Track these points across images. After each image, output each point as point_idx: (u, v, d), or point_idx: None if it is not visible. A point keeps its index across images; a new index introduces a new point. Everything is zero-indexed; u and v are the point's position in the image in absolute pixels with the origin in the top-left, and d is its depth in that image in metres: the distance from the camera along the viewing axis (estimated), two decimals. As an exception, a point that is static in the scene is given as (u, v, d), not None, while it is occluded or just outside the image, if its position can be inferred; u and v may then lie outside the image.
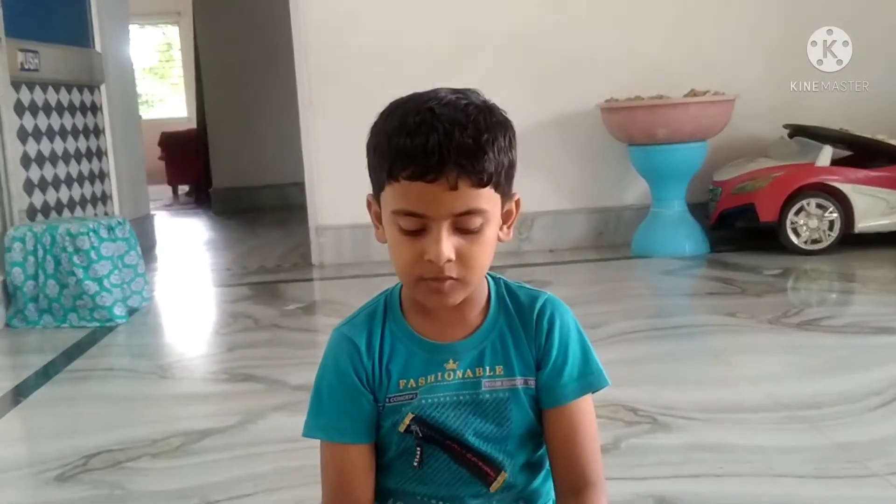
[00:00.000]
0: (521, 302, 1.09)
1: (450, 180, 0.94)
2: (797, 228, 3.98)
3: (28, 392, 2.62)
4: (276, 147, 7.35)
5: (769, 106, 4.36)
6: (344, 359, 1.06)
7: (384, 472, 1.10)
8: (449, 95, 0.98)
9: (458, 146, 0.93)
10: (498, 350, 1.07)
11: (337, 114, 4.39)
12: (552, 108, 4.43)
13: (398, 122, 0.97)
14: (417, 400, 1.05)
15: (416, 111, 0.96)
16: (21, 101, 3.72)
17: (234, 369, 2.74)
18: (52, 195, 3.91)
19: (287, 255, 4.93)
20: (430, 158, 0.93)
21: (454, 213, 0.96)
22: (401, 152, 0.95)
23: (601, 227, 4.55)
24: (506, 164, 0.98)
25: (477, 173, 0.95)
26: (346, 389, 1.06)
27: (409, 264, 0.99)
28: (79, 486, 1.89)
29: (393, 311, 1.09)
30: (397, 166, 0.95)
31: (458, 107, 0.96)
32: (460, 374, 1.06)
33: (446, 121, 0.94)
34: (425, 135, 0.93)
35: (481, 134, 0.95)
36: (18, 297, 3.39)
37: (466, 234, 0.98)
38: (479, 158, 0.94)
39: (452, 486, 1.06)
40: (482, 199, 0.97)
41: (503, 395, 1.05)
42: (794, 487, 1.65)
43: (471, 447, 1.05)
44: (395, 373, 1.06)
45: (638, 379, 2.33)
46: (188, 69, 10.43)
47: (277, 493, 1.76)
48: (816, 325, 2.85)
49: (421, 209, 0.96)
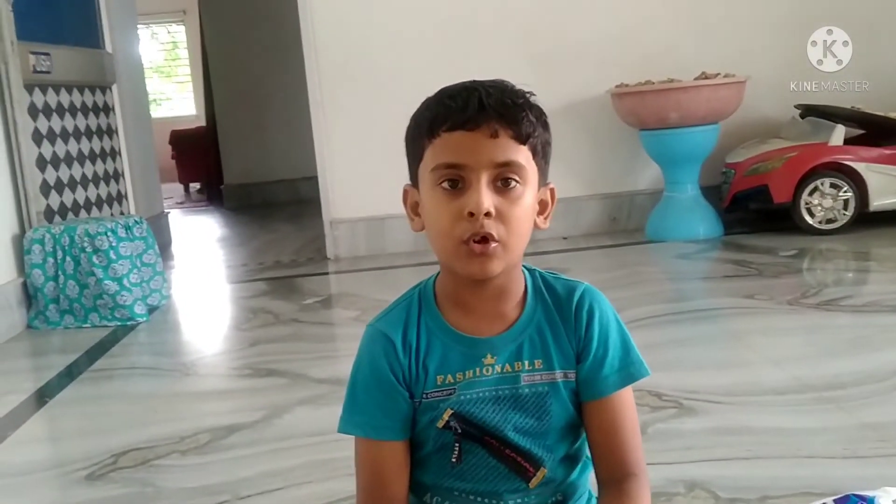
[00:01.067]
0: (558, 293, 1.08)
1: (490, 128, 0.97)
2: (811, 208, 3.96)
3: (53, 393, 2.64)
4: (286, 142, 7.37)
5: (781, 86, 4.34)
6: (379, 355, 1.06)
7: (421, 468, 1.09)
8: (490, 80, 1.04)
9: (497, 101, 0.98)
10: (536, 343, 1.06)
11: (348, 107, 4.39)
12: (562, 95, 4.42)
13: (438, 94, 1.03)
14: (456, 396, 1.04)
15: (457, 84, 1.03)
16: (34, 104, 3.73)
17: (257, 364, 2.75)
18: (68, 196, 3.93)
19: (302, 250, 4.94)
20: (469, 109, 0.97)
21: (494, 163, 0.97)
22: (442, 109, 1.00)
23: (615, 212, 4.54)
24: (542, 135, 1.03)
25: (515, 124, 0.98)
26: (381, 386, 1.05)
27: (449, 224, 0.98)
28: (110, 484, 1.91)
29: (428, 304, 1.08)
30: (438, 122, 0.99)
31: (496, 82, 1.03)
32: (498, 368, 1.05)
33: (486, 86, 1.01)
34: (466, 96, 0.99)
35: (519, 97, 1.01)
36: (39, 298, 3.41)
37: (505, 193, 0.99)
38: (517, 113, 0.99)
39: (491, 482, 1.06)
40: (521, 154, 0.99)
41: (543, 390, 1.05)
42: (825, 468, 1.65)
43: (510, 443, 1.05)
44: (431, 368, 1.05)
45: (660, 364, 2.33)
46: (195, 67, 10.43)
47: (307, 487, 1.77)
48: (836, 304, 2.84)
49: (462, 158, 0.97)
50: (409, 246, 4.25)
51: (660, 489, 1.59)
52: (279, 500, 1.73)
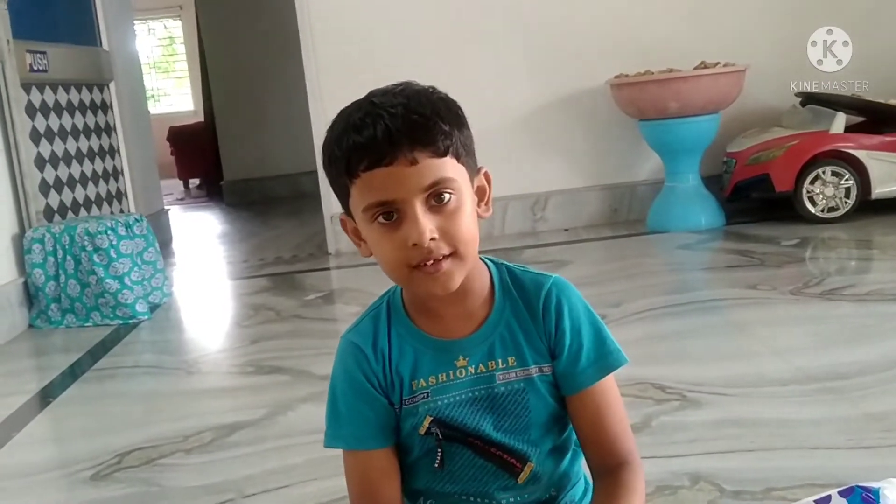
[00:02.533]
0: (526, 288, 1.07)
1: (407, 157, 0.93)
2: (813, 197, 3.95)
3: (56, 393, 2.64)
4: (285, 136, 7.35)
5: (781, 74, 4.32)
6: (353, 366, 1.06)
7: (411, 474, 1.10)
8: (387, 89, 1.00)
9: (405, 122, 0.94)
10: (508, 341, 1.05)
11: (347, 100, 4.28)
12: (562, 87, 4.41)
13: (342, 125, 0.98)
14: (432, 400, 1.04)
15: (357, 109, 0.98)
16: (32, 103, 3.73)
17: (260, 361, 2.75)
18: (67, 195, 3.93)
19: (303, 245, 4.93)
20: (381, 144, 0.93)
21: (422, 188, 0.94)
22: (353, 148, 0.95)
23: (615, 203, 4.53)
24: (460, 136, 0.98)
25: (432, 142, 0.95)
26: (359, 396, 1.05)
27: (395, 257, 0.97)
28: (115, 484, 1.91)
29: (397, 312, 1.08)
30: (353, 162, 0.95)
31: (395, 93, 0.98)
32: (472, 369, 1.05)
33: (388, 106, 0.95)
34: (372, 126, 0.94)
35: (425, 107, 0.96)
36: (40, 297, 3.41)
37: (442, 211, 0.96)
38: (429, 129, 0.95)
39: (480, 482, 1.06)
40: (446, 168, 0.96)
41: (519, 386, 1.05)
42: (829, 460, 1.65)
43: (494, 441, 1.05)
44: (406, 375, 1.05)
45: (663, 356, 2.34)
46: (192, 62, 10.42)
47: (313, 484, 1.77)
48: (839, 294, 2.83)
49: (389, 195, 0.95)
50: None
51: (664, 482, 1.60)
52: (284, 498, 1.73)
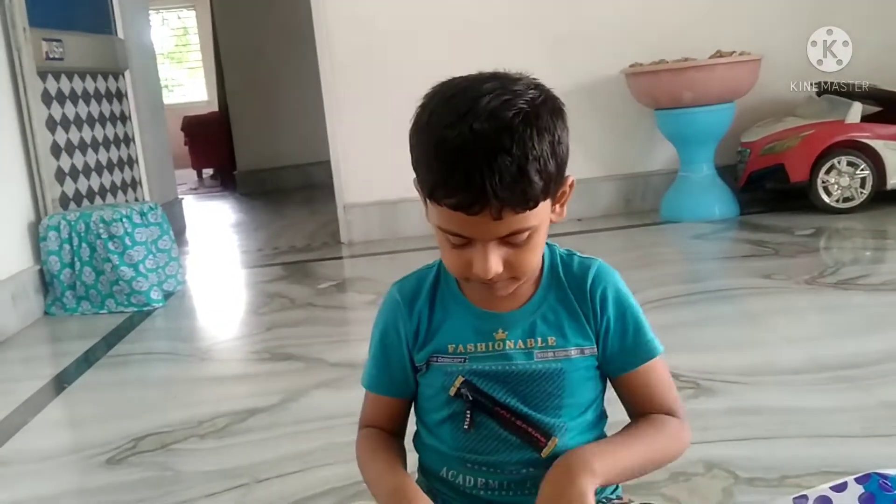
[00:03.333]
0: (573, 272, 1.09)
1: (493, 212, 0.91)
2: (828, 187, 3.93)
3: (71, 379, 2.66)
4: (298, 127, 7.36)
5: (797, 64, 4.29)
6: (389, 316, 1.12)
7: (435, 436, 1.11)
8: (493, 101, 0.90)
9: (500, 179, 0.88)
10: (551, 321, 1.07)
11: (361, 91, 4.38)
12: (576, 76, 4.39)
13: (439, 133, 0.91)
14: (467, 366, 1.07)
15: (455, 125, 0.90)
16: (48, 91, 3.74)
17: (274, 348, 2.76)
18: (83, 183, 3.95)
19: (316, 234, 4.94)
20: (471, 192, 0.89)
21: (500, 236, 0.95)
22: (441, 178, 0.91)
23: (629, 193, 4.52)
24: (554, 171, 0.93)
25: (522, 203, 0.92)
26: (385, 346, 1.12)
27: (458, 269, 1.00)
28: (130, 468, 1.92)
29: (447, 278, 1.11)
30: (438, 192, 0.92)
31: (501, 121, 0.89)
32: (511, 344, 1.06)
33: (487, 145, 0.88)
34: (465, 161, 0.89)
35: (527, 157, 0.89)
36: (56, 285, 3.43)
37: (514, 246, 0.97)
38: (524, 189, 0.90)
39: (503, 453, 1.07)
40: (530, 219, 0.94)
41: (557, 366, 1.06)
42: (844, 447, 1.64)
43: (521, 413, 1.06)
44: (443, 337, 1.08)
45: (677, 344, 2.33)
46: (206, 53, 10.43)
47: (326, 469, 1.78)
48: (853, 284, 2.82)
49: (465, 232, 0.95)
50: (423, 230, 4.24)
51: (678, 469, 1.59)
52: (298, 483, 1.74)
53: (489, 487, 1.08)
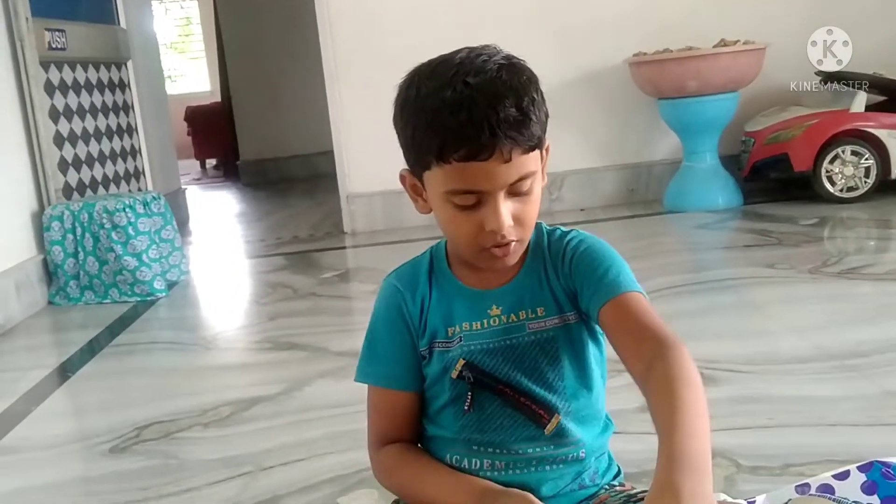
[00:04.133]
0: (554, 243, 1.11)
1: (503, 154, 0.95)
2: (832, 177, 3.92)
3: (75, 368, 2.67)
4: (301, 117, 7.35)
5: (801, 53, 4.27)
6: (392, 306, 1.11)
7: (438, 423, 1.12)
8: (475, 60, 0.97)
9: (505, 119, 0.93)
10: (537, 291, 1.09)
11: (363, 80, 4.36)
12: (579, 65, 4.38)
13: (435, 99, 0.95)
14: (466, 345, 1.07)
15: (449, 84, 0.95)
16: (50, 81, 3.74)
17: (277, 338, 2.77)
18: (86, 173, 3.95)
19: (319, 224, 4.95)
20: (481, 137, 0.93)
21: (510, 182, 0.98)
22: (449, 133, 0.94)
23: (632, 183, 4.51)
24: (544, 119, 1.00)
25: (528, 140, 0.96)
26: (394, 337, 1.11)
27: (469, 238, 1.01)
28: (133, 456, 1.93)
29: (439, 262, 1.13)
30: (448, 148, 0.95)
31: (490, 74, 0.95)
32: (504, 318, 1.08)
33: (485, 92, 0.94)
34: (469, 110, 0.93)
35: (522, 99, 0.95)
36: (59, 274, 3.44)
37: (519, 198, 1.00)
38: (527, 126, 0.96)
39: (507, 431, 1.07)
40: (532, 163, 0.99)
41: (549, 335, 1.07)
42: (848, 436, 1.64)
43: (523, 390, 1.07)
44: (441, 321, 1.09)
45: (680, 333, 2.26)
46: (209, 43, 10.41)
47: (330, 458, 1.79)
48: (857, 273, 2.82)
49: (477, 186, 0.97)
50: (426, 219, 4.20)
51: (681, 458, 1.59)
52: (302, 471, 1.74)
53: (495, 468, 1.08)
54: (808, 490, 1.26)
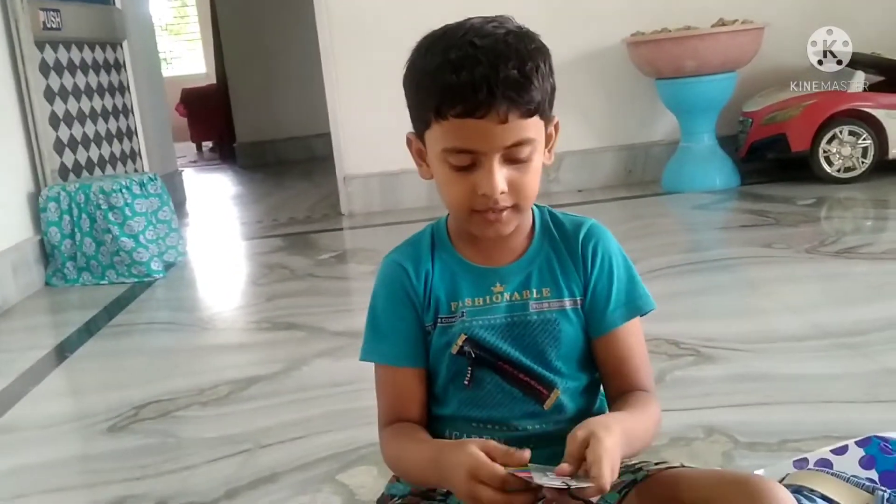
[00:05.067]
0: (565, 229, 1.11)
1: (500, 114, 0.95)
2: (830, 157, 3.92)
3: (72, 348, 2.66)
4: (298, 99, 7.32)
5: (799, 33, 4.26)
6: (395, 283, 1.10)
7: (438, 400, 1.12)
8: (485, 25, 0.98)
9: (505, 79, 0.94)
10: (545, 273, 1.08)
11: (360, 62, 4.35)
12: (577, 45, 4.36)
13: (440, 58, 0.97)
14: (468, 320, 1.07)
15: (456, 45, 0.96)
16: (45, 61, 3.71)
17: (275, 318, 2.76)
18: (82, 154, 3.93)
19: (316, 206, 4.94)
20: (479, 94, 0.94)
21: (505, 146, 0.97)
22: (448, 90, 0.95)
23: (630, 164, 4.50)
24: (549, 90, 0.99)
25: (526, 104, 0.96)
26: (399, 313, 1.10)
27: (462, 199, 1.01)
28: (131, 435, 1.93)
29: (441, 238, 1.12)
30: (445, 104, 0.96)
31: (497, 37, 0.96)
32: (507, 296, 1.08)
33: (489, 53, 0.95)
34: (470, 69, 0.94)
35: (525, 63, 0.95)
36: (56, 255, 3.43)
37: (516, 164, 0.99)
38: (526, 89, 0.95)
39: (506, 407, 1.08)
40: (531, 129, 0.98)
41: (551, 317, 1.07)
42: (845, 412, 1.65)
43: (523, 366, 1.07)
44: (444, 296, 1.09)
45: (678, 313, 2.33)
46: (205, 25, 10.35)
47: (328, 435, 1.79)
48: (854, 252, 2.82)
49: (472, 145, 0.97)
50: (423, 201, 4.23)
51: (678, 434, 1.60)
52: (300, 449, 1.74)
53: None
54: (805, 465, 1.26)
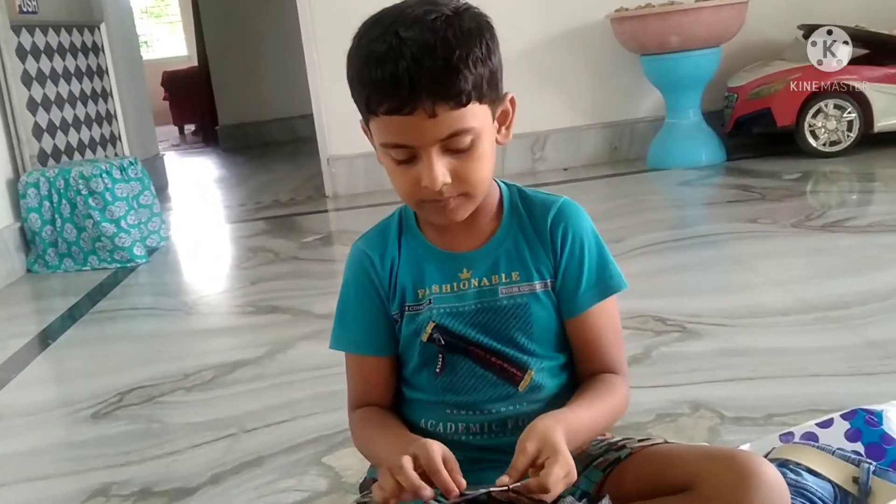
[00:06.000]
0: (534, 208, 1.09)
1: (426, 109, 0.92)
2: (815, 131, 3.91)
3: (55, 335, 2.64)
4: (280, 80, 7.27)
5: (784, 6, 4.25)
6: (361, 272, 1.10)
7: (411, 386, 1.11)
8: (417, 10, 0.94)
9: (428, 72, 0.90)
10: (513, 256, 1.07)
11: (341, 42, 4.16)
12: (560, 22, 4.33)
13: (366, 50, 0.94)
14: (436, 307, 1.06)
15: (382, 37, 0.93)
16: (22, 45, 3.66)
17: (259, 302, 2.75)
18: (61, 139, 3.89)
19: (300, 188, 4.91)
20: (401, 91, 0.90)
21: (439, 139, 0.94)
22: (373, 86, 0.93)
23: (615, 141, 4.49)
24: (486, 74, 0.95)
25: (454, 96, 0.92)
26: (365, 302, 1.09)
27: (408, 190, 0.99)
28: (115, 421, 1.92)
29: (408, 224, 1.11)
30: (373, 101, 0.94)
31: (424, 25, 0.92)
32: (475, 282, 1.06)
33: (413, 45, 0.91)
34: (394, 63, 0.91)
35: (452, 52, 0.91)
36: (37, 242, 3.40)
37: (459, 154, 0.96)
38: (453, 81, 0.91)
39: (480, 391, 1.07)
40: (467, 118, 0.94)
41: (522, 301, 1.06)
42: (830, 386, 1.65)
43: (494, 350, 1.06)
44: (410, 283, 1.08)
45: (663, 289, 2.33)
46: (185, 7, 10.25)
47: (314, 418, 1.78)
48: (840, 226, 2.82)
49: (405, 140, 0.95)
50: (408, 181, 4.20)
51: (665, 410, 1.60)
52: (285, 432, 1.73)
53: (470, 432, 1.08)
54: (791, 438, 1.26)
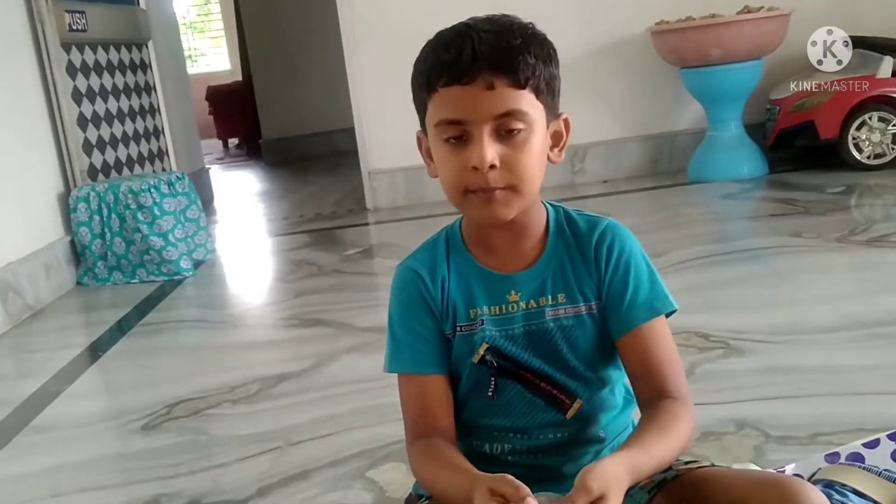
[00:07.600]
0: (580, 229, 1.09)
1: (485, 80, 0.95)
2: (859, 144, 3.87)
3: (105, 347, 2.70)
4: (323, 94, 7.35)
5: (826, 18, 4.20)
6: (413, 290, 1.09)
7: (460, 408, 1.11)
8: (490, 17, 1.01)
9: (490, 47, 0.95)
10: (559, 279, 1.07)
11: (382, 56, 4.35)
12: (600, 35, 4.33)
13: (434, 41, 1.00)
14: (488, 329, 1.06)
15: (451, 28, 1.00)
16: (72, 63, 3.75)
17: (303, 315, 2.78)
18: (110, 154, 3.97)
19: (342, 201, 4.95)
20: (462, 60, 0.95)
21: (494, 115, 0.96)
22: (437, 64, 0.98)
23: (656, 154, 4.47)
24: (546, 73, 0.99)
25: (512, 71, 0.96)
26: (417, 320, 1.08)
27: (455, 176, 1.00)
28: (165, 433, 1.96)
29: (455, 243, 1.11)
30: (434, 76, 0.98)
31: (493, 19, 1.00)
32: (523, 304, 1.06)
33: (480, 30, 0.97)
34: (460, 46, 0.96)
35: (515, 38, 0.97)
36: (87, 255, 3.47)
37: (509, 141, 0.98)
38: (513, 58, 0.96)
39: (528, 416, 1.07)
40: (522, 101, 0.97)
41: (567, 323, 1.06)
42: (880, 405, 1.63)
43: (544, 375, 1.06)
44: (462, 302, 1.07)
45: (707, 305, 2.31)
46: (228, 21, 10.40)
47: (358, 432, 1.80)
48: (885, 241, 2.78)
49: (461, 114, 0.97)
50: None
51: (709, 428, 1.59)
52: (331, 445, 1.76)
53: (516, 452, 1.09)
54: (837, 459, 1.25)
